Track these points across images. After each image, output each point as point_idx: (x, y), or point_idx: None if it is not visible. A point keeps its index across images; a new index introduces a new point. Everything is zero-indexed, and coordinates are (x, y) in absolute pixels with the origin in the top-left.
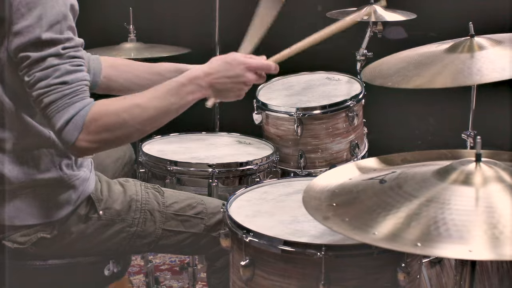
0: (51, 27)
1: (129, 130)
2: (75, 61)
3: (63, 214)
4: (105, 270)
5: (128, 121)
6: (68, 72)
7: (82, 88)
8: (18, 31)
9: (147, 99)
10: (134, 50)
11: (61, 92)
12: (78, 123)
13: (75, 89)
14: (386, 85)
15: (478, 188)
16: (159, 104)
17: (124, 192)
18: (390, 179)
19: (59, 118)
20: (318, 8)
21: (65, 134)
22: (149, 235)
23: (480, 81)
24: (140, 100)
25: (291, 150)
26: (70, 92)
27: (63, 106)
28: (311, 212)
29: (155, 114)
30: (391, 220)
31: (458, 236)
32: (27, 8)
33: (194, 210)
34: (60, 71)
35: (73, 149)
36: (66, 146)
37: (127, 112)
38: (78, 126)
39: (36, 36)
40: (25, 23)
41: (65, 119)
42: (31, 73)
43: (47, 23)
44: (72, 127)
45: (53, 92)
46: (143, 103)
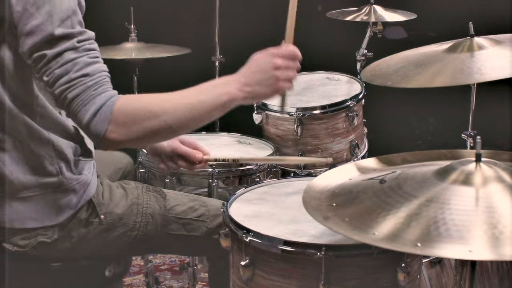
0: (63, 23)
1: (159, 125)
2: (92, 53)
3: (64, 218)
4: (106, 271)
5: (158, 115)
6: (87, 64)
7: (104, 79)
8: (30, 31)
9: (178, 96)
10: (135, 50)
11: (84, 85)
12: (106, 113)
13: (98, 80)
14: (386, 85)
15: (478, 188)
16: (190, 101)
17: (125, 196)
18: (390, 179)
19: (86, 112)
20: (318, 8)
21: (94, 127)
22: (150, 238)
23: (480, 80)
24: (170, 96)
25: (291, 150)
26: (93, 84)
27: (88, 98)
28: (311, 212)
29: (186, 111)
30: (391, 220)
31: (458, 236)
32: (35, 7)
33: (196, 213)
34: (79, 64)
35: (104, 142)
36: (96, 139)
37: (157, 105)
38: (106, 117)
39: (49, 33)
40: (36, 22)
41: (92, 111)
42: (49, 71)
43: (58, 19)
44: (100, 118)
45: (76, 86)
46: (173, 99)
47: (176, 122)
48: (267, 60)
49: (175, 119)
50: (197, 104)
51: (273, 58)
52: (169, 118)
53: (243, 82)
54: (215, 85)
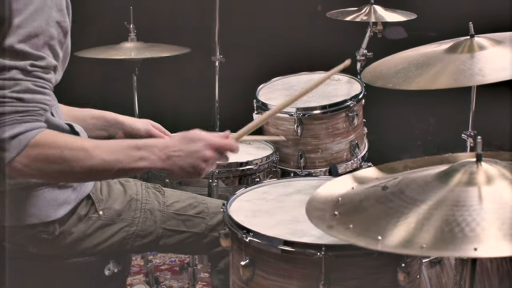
0: (27, 40)
1: (66, 170)
2: (40, 82)
3: (62, 214)
4: (105, 270)
5: (68, 161)
6: (27, 90)
7: (38, 110)
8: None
9: (96, 147)
10: (134, 49)
11: (13, 107)
12: (21, 143)
13: (29, 109)
14: (387, 87)
15: (483, 187)
16: (106, 157)
17: (124, 192)
18: (392, 185)
19: (3, 132)
20: (318, 8)
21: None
22: (149, 234)
23: (481, 82)
24: (89, 145)
25: (291, 150)
26: (23, 110)
27: (11, 121)
28: (315, 222)
29: (99, 165)
30: (402, 226)
31: (473, 236)
32: (14, 12)
33: (195, 209)
34: (20, 86)
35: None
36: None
37: (72, 151)
38: (18, 147)
39: (10, 44)
40: (3, 28)
41: (9, 135)
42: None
43: (23, 34)
44: (12, 145)
45: (6, 104)
46: (90, 149)
47: (85, 173)
48: (199, 148)
49: (84, 170)
50: (113, 161)
51: (207, 149)
52: (79, 168)
53: (167, 156)
54: (139, 148)
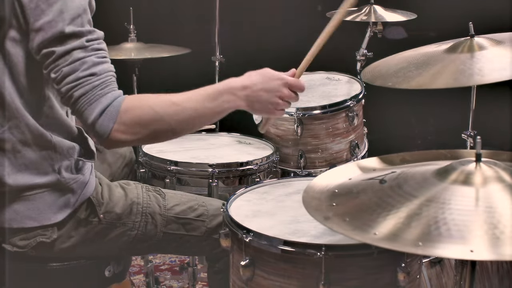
0: (73, 21)
1: (163, 127)
2: (100, 53)
3: (62, 217)
4: (105, 271)
5: (163, 117)
6: (95, 64)
7: (111, 79)
8: (40, 27)
9: (184, 99)
10: (135, 50)
11: (91, 84)
12: (112, 113)
13: (104, 80)
14: (386, 86)
15: (478, 188)
16: (194, 106)
17: (125, 195)
18: (390, 179)
19: (92, 110)
20: (318, 8)
21: (99, 126)
22: (150, 238)
23: (481, 82)
24: (176, 99)
25: (291, 150)
26: (100, 83)
27: (94, 97)
28: (311, 213)
29: (190, 115)
30: (392, 220)
31: (459, 236)
32: (47, 3)
33: (195, 212)
34: (87, 63)
35: (108, 141)
36: (101, 138)
37: (163, 108)
38: (112, 117)
39: (59, 30)
40: (47, 18)
41: (98, 110)
42: (57, 68)
43: (68, 17)
44: (106, 118)
45: (83, 84)
46: (179, 102)
47: (180, 126)
48: (277, 86)
49: (179, 122)
50: (201, 109)
51: (284, 86)
52: (174, 122)
53: (247, 95)
54: (220, 92)
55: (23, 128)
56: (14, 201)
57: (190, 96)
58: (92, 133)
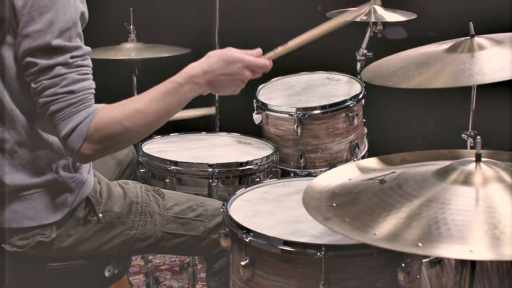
0: (62, 34)
1: (131, 136)
2: (82, 70)
3: (60, 217)
4: (105, 271)
5: (130, 128)
6: (75, 81)
7: (88, 96)
8: (28, 34)
9: (147, 104)
10: (134, 50)
11: (67, 101)
12: (82, 131)
13: (81, 98)
14: (386, 85)
15: (478, 188)
16: (158, 107)
17: (124, 195)
18: (390, 180)
19: (64, 126)
20: (318, 8)
21: (69, 142)
22: (149, 237)
23: (481, 81)
24: (139, 105)
25: (291, 150)
26: (76, 101)
27: (68, 114)
28: (312, 213)
29: (155, 117)
30: (392, 221)
31: (459, 236)
32: (38, 12)
33: (194, 212)
34: (67, 80)
35: (77, 156)
36: (70, 153)
37: (129, 119)
38: (82, 135)
39: (46, 42)
40: (36, 27)
41: (70, 127)
42: (38, 80)
43: (58, 29)
44: (76, 135)
45: (60, 101)
46: (143, 109)
47: (146, 129)
48: (237, 69)
49: (145, 127)
50: (165, 107)
51: (245, 69)
52: (140, 129)
53: (208, 80)
54: (180, 84)
55: (20, 129)
56: (12, 201)
57: (152, 97)
58: (64, 147)
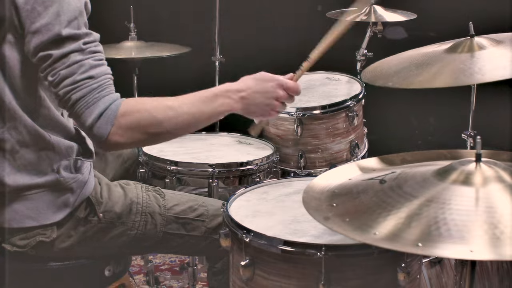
0: (70, 23)
1: (160, 131)
2: (97, 56)
3: (61, 217)
4: (105, 270)
5: (161, 122)
6: (92, 66)
7: (108, 81)
8: (37, 30)
9: (180, 104)
10: (135, 48)
11: (89, 87)
12: (110, 117)
13: (102, 83)
14: (387, 86)
15: (478, 188)
16: (190, 110)
17: (124, 195)
18: (390, 179)
19: (90, 113)
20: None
21: (97, 129)
22: (149, 238)
23: (482, 80)
24: (172, 103)
25: (291, 150)
26: (97, 86)
27: (92, 101)
28: (311, 213)
29: (186, 119)
30: (392, 220)
31: (459, 236)
32: (43, 6)
33: (195, 212)
34: (84, 66)
35: (106, 144)
36: (98, 141)
37: (160, 112)
38: (110, 120)
39: (56, 33)
40: (43, 21)
41: (96, 114)
42: (55, 71)
43: (65, 20)
44: (104, 121)
45: (81, 87)
46: (176, 107)
47: (176, 129)
48: (272, 87)
49: (175, 127)
50: (198, 113)
51: (279, 88)
52: (170, 126)
53: (242, 97)
54: (216, 95)
55: (21, 129)
56: (13, 201)
57: (186, 100)
58: (90, 136)
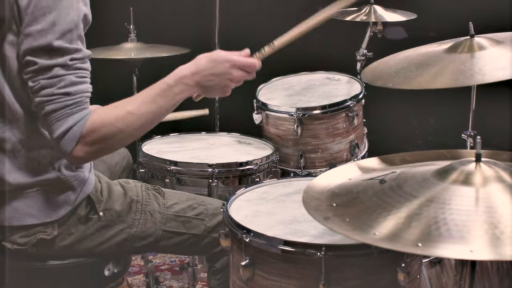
0: (63, 36)
1: (124, 137)
2: (80, 73)
3: (62, 215)
4: (105, 270)
5: (123, 130)
6: (72, 83)
7: (83, 99)
8: (30, 33)
9: (138, 106)
10: (135, 50)
11: (63, 103)
12: (75, 134)
13: (77, 101)
14: (387, 86)
15: (478, 188)
16: (150, 109)
17: (124, 193)
18: (390, 179)
19: (58, 127)
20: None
21: (62, 143)
22: (149, 236)
23: (482, 81)
24: (131, 107)
25: (291, 150)
26: (71, 104)
27: (62, 116)
28: (311, 213)
29: (147, 119)
30: (392, 220)
31: (459, 236)
32: (41, 12)
33: (195, 211)
34: (65, 81)
35: (70, 158)
36: (63, 155)
37: (122, 121)
38: (75, 137)
39: (48, 42)
40: (38, 27)
41: (63, 129)
42: (36, 79)
43: (59, 31)
44: (69, 137)
45: (55, 101)
46: (135, 110)
47: (139, 131)
48: (225, 68)
49: (138, 129)
50: (157, 109)
51: (233, 68)
52: (133, 130)
53: (197, 81)
54: (171, 86)
55: (22, 128)
56: (14, 199)
57: (143, 98)
58: (56, 148)
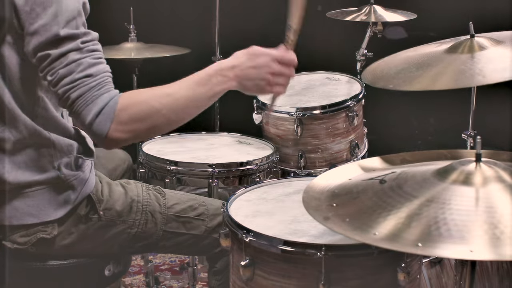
0: (68, 24)
1: (160, 120)
2: (95, 54)
3: (62, 214)
4: (105, 270)
5: (160, 110)
6: (90, 65)
7: (107, 79)
8: (35, 30)
9: (176, 89)
10: (135, 50)
11: (87, 85)
12: (109, 114)
13: (100, 81)
14: (387, 88)
15: (478, 188)
16: (188, 93)
17: (125, 193)
18: (390, 179)
19: (89, 111)
20: (318, 8)
21: (96, 127)
22: (150, 236)
23: (483, 82)
24: (169, 89)
25: (291, 150)
26: (96, 85)
27: (91, 99)
28: (311, 213)
29: (185, 104)
30: (392, 220)
31: (459, 236)
32: (42, 7)
33: (196, 211)
34: (83, 65)
35: (106, 141)
36: (99, 139)
37: (158, 101)
38: (109, 117)
39: (54, 33)
40: (42, 22)
41: (95, 112)
42: (53, 71)
43: (63, 20)
44: (103, 118)
45: (79, 86)
46: (172, 92)
47: (176, 115)
48: (264, 61)
49: (175, 112)
50: (194, 95)
51: (272, 61)
52: (170, 113)
53: (236, 74)
54: (210, 75)
55: (21, 128)
56: (14, 198)
57: (182, 84)
58: (90, 134)
